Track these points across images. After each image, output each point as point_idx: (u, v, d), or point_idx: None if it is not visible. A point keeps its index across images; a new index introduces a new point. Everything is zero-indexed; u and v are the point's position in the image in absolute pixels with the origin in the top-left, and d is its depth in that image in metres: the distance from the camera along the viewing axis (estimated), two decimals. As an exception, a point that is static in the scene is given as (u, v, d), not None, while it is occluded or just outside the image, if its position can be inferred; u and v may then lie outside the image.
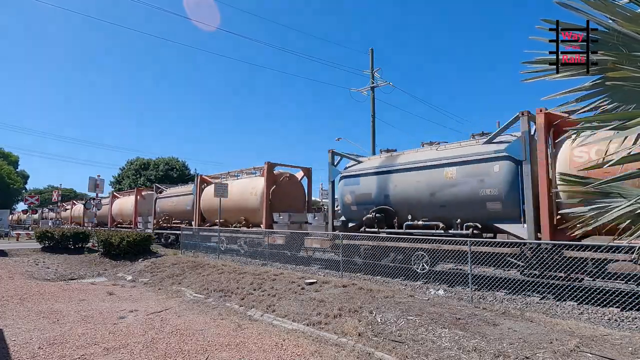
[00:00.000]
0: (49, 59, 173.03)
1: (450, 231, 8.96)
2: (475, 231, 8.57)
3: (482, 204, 8.47)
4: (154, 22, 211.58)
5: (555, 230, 7.21)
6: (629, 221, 2.03)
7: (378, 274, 9.80)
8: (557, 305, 6.65)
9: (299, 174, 16.14)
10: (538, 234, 7.51)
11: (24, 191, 58.60)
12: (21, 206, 59.14)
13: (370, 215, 10.40)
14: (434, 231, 9.17)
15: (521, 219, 7.86)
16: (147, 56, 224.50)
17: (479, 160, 8.67)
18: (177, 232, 18.31)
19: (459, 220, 8.89)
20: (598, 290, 6.39)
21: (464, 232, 8.65)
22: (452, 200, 8.98)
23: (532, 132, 8.03)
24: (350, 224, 11.42)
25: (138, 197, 24.20)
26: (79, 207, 33.60)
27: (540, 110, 7.68)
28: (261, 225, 14.16)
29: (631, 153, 1.93)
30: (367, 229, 10.57)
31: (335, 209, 12.51)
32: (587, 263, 6.78)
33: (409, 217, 9.84)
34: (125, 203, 26.09)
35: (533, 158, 7.78)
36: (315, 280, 8.66)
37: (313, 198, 20.08)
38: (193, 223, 18.04)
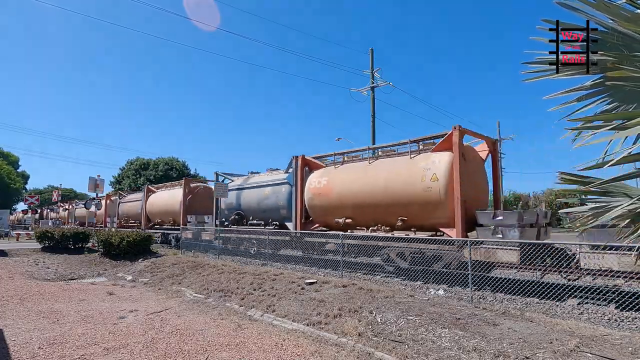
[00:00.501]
0: (49, 59, 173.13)
1: (267, 227, 13.94)
2: (276, 227, 13.74)
3: (279, 210, 13.73)
4: (154, 22, 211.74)
5: (304, 225, 12.55)
6: (628, 220, 2.04)
7: (377, 273, 9.87)
8: (557, 305, 6.66)
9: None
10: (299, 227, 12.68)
11: (24, 191, 58.59)
12: (21, 206, 59.11)
13: (233, 217, 15.47)
14: (259, 227, 14.30)
15: (292, 219, 12.95)
16: (147, 56, 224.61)
17: (277, 184, 13.98)
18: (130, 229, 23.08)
19: (270, 219, 14.16)
20: (598, 290, 6.40)
21: (271, 227, 13.81)
22: (267, 208, 14.24)
23: (299, 168, 12.88)
24: (226, 223, 16.02)
25: (108, 201, 28.34)
26: (66, 208, 39.48)
27: (302, 156, 12.96)
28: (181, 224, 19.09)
29: (631, 153, 1.93)
30: (232, 226, 15.41)
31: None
32: (315, 244, 11.93)
33: (251, 217, 15.01)
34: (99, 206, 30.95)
35: (297, 184, 12.77)
36: (315, 280, 8.66)
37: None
38: (142, 223, 22.86)
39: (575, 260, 7.08)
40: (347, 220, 10.91)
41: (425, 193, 9.04)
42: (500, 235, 7.97)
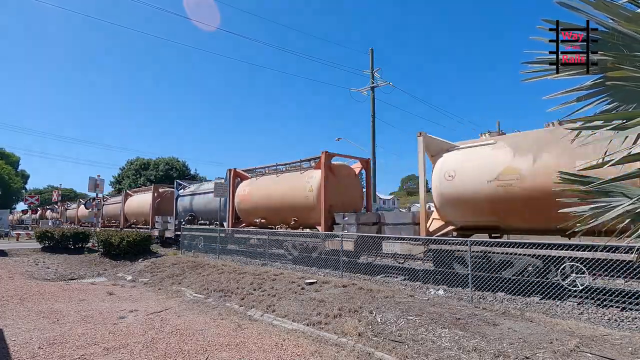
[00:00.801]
0: (49, 59, 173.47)
1: (211, 226, 16.74)
2: (216, 226, 16.30)
3: (217, 212, 16.63)
4: (154, 22, 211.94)
5: (235, 224, 15.42)
6: (628, 220, 2.04)
7: (377, 273, 9.88)
8: (557, 305, 6.65)
9: None
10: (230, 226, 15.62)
11: (23, 191, 58.58)
12: (21, 206, 59.12)
13: (188, 217, 19.05)
14: (204, 226, 17.31)
15: (227, 219, 15.80)
16: (147, 56, 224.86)
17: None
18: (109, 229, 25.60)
19: (213, 219, 17.22)
20: (598, 290, 6.40)
21: (213, 226, 16.57)
22: (211, 210, 17.43)
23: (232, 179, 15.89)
24: (183, 222, 19.03)
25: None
26: (67, 208, 42.80)
27: (233, 169, 15.89)
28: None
29: (631, 153, 1.93)
30: (187, 225, 18.15)
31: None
32: (243, 239, 14.12)
33: (200, 218, 18.53)
34: (85, 209, 33.82)
35: (230, 191, 15.60)
36: (315, 280, 8.66)
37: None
38: (121, 223, 26.11)
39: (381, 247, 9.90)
40: (262, 220, 14.05)
41: (306, 200, 12.20)
42: (346, 231, 10.79)
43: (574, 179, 2.31)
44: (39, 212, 48.77)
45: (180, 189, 20.81)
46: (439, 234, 9.07)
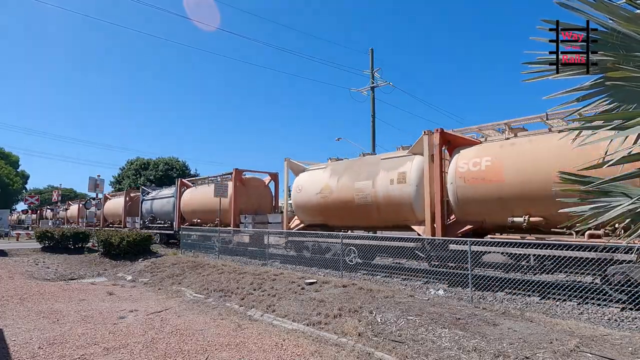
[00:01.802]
0: (49, 59, 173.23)
1: (164, 225, 20.87)
2: (170, 225, 20.25)
3: (170, 214, 20.49)
4: (154, 22, 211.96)
5: (182, 223, 18.53)
6: (628, 220, 2.04)
7: (377, 273, 9.89)
8: (557, 305, 6.66)
9: None
10: (177, 226, 19.43)
11: (24, 191, 58.58)
12: (21, 206, 59.12)
13: (149, 218, 22.43)
14: (159, 225, 21.53)
15: (175, 221, 19.58)
16: (147, 56, 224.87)
17: (169, 197, 20.85)
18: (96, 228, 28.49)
19: (167, 220, 20.83)
20: (598, 290, 6.41)
21: (166, 225, 20.75)
22: (166, 212, 21.02)
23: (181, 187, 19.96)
24: (146, 222, 22.55)
25: (80, 205, 34.52)
26: (66, 208, 44.57)
27: (180, 179, 20.30)
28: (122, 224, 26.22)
29: (631, 153, 1.93)
30: (149, 225, 21.96)
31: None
32: (186, 235, 16.98)
33: (158, 219, 21.90)
34: (73, 210, 38.65)
35: (177, 197, 19.61)
36: (315, 280, 8.66)
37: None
38: (101, 223, 29.54)
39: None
40: (198, 220, 18.22)
41: (224, 205, 15.93)
42: (247, 228, 14.76)
43: (574, 179, 2.32)
44: (43, 212, 48.87)
45: (145, 194, 23.99)
46: (295, 229, 13.12)
